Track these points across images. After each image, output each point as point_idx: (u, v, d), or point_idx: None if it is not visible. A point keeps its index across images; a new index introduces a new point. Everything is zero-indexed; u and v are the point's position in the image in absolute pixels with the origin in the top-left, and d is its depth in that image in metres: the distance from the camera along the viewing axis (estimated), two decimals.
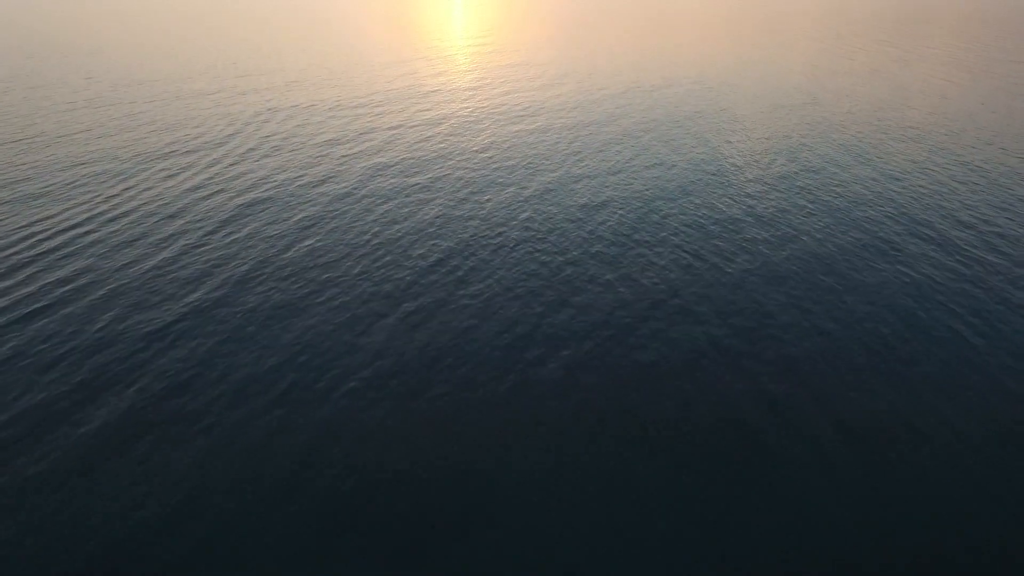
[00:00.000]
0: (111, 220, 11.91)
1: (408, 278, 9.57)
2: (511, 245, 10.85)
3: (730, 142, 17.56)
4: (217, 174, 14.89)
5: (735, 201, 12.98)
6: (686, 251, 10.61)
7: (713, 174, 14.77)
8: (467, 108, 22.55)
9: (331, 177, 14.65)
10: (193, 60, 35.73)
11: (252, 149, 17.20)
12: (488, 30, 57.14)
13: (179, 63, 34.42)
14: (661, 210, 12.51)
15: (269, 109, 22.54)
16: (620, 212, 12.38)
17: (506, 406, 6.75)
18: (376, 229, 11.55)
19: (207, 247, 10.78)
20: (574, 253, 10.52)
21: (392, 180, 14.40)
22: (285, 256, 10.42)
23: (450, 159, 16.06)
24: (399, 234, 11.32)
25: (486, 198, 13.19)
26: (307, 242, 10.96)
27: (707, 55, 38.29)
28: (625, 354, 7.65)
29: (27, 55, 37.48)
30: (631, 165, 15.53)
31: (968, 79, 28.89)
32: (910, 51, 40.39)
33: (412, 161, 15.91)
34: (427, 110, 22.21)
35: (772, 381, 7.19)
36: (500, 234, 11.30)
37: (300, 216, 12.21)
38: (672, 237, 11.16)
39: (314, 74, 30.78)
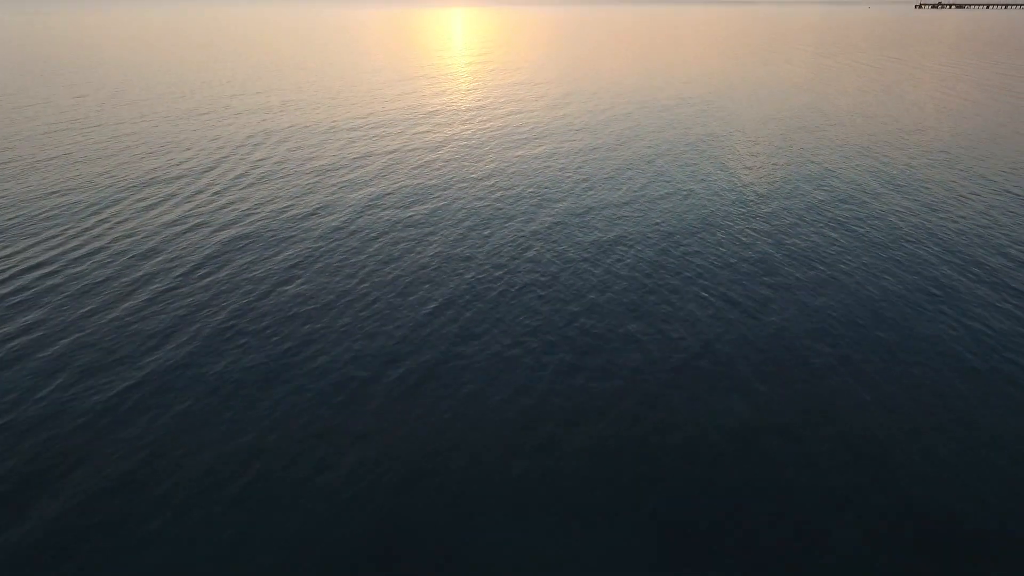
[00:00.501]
0: (76, 260, 10.82)
1: (400, 332, 8.44)
2: (515, 289, 9.73)
3: (749, 168, 16.49)
4: (200, 205, 13.83)
5: (761, 235, 11.88)
6: (713, 295, 9.49)
7: (734, 203, 13.68)
8: (468, 130, 21.55)
9: (322, 208, 13.57)
10: (187, 77, 34.86)
11: (241, 175, 16.16)
12: (490, 47, 56.44)
13: (172, 80, 33.52)
14: (681, 246, 11.40)
15: (262, 131, 21.56)
16: (636, 249, 11.27)
17: (515, 503, 5.59)
18: (368, 269, 10.45)
19: (179, 291, 9.68)
20: (587, 299, 9.40)
21: (386, 212, 13.32)
22: (264, 303, 9.31)
23: (449, 188, 14.99)
24: (392, 276, 10.21)
25: (487, 232, 12.09)
26: (290, 286, 9.85)
27: (714, 72, 37.41)
28: (652, 433, 6.50)
29: (22, 72, 36.66)
30: (644, 194, 14.45)
31: (985, 98, 27.91)
32: (920, 67, 39.50)
33: (409, 190, 14.85)
34: (426, 132, 21.21)
35: (835, 469, 6.03)
36: (503, 277, 10.19)
37: (285, 254, 11.11)
38: (697, 279, 10.04)
39: (311, 92, 29.85)
